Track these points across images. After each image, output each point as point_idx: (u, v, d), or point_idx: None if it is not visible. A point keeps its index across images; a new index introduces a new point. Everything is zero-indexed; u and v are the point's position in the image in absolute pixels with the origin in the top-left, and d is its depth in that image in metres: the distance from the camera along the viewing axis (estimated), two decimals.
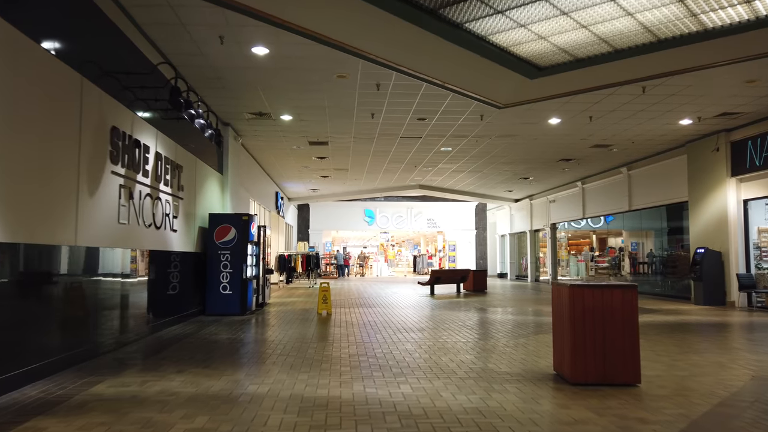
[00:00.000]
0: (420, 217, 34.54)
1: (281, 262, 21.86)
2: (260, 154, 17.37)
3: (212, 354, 6.86)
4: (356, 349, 7.25)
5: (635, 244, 21.79)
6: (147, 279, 8.61)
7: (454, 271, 19.85)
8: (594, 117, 12.71)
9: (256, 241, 12.18)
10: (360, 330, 9.17)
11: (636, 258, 21.42)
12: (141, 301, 8.38)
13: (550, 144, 15.78)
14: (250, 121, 13.15)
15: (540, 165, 19.27)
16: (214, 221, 11.45)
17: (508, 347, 7.38)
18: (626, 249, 22.88)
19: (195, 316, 10.96)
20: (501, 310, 12.91)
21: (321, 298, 11.75)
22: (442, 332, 8.90)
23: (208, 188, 11.98)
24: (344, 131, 14.19)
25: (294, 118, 12.87)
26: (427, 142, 15.50)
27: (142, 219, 8.01)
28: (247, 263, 11.47)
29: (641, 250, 21.09)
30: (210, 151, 12.16)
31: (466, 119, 12.98)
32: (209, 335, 8.48)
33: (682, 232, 17.61)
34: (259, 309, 12.64)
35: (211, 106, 11.81)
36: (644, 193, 17.89)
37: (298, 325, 9.84)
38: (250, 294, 11.51)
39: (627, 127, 13.65)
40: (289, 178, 22.60)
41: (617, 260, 23.31)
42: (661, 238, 19.50)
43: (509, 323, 10.17)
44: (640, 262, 20.90)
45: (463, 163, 18.90)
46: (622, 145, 15.85)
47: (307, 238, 33.93)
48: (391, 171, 20.72)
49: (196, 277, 11.05)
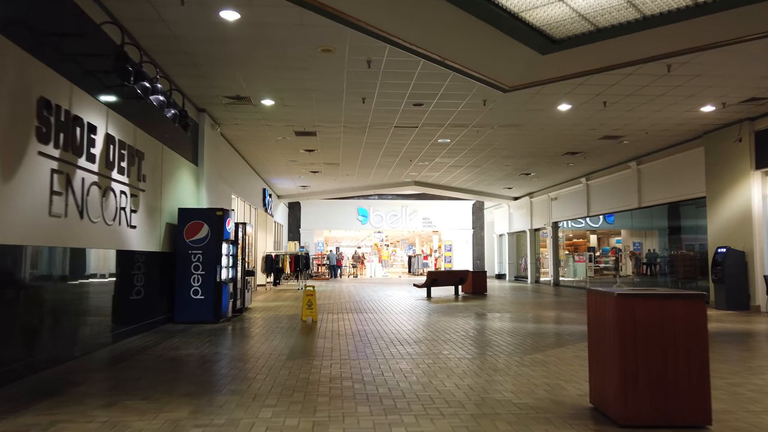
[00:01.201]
0: (415, 216, 33.32)
1: (268, 262, 20.56)
2: (243, 146, 16.07)
3: (162, 377, 5.58)
4: (340, 369, 5.98)
5: (638, 244, 20.66)
6: (101, 283, 7.32)
7: (452, 273, 18.62)
8: (609, 102, 11.50)
9: (233, 239, 10.89)
10: (348, 342, 7.91)
11: (639, 258, 20.23)
12: (94, 308, 7.09)
13: (556, 135, 14.57)
14: (228, 107, 11.86)
15: (544, 159, 18.06)
16: (184, 217, 10.15)
17: (523, 366, 6.13)
18: (626, 249, 21.76)
19: (161, 324, 9.67)
20: (506, 316, 11.68)
21: (305, 303, 10.48)
22: (443, 345, 7.64)
23: (178, 180, 10.68)
24: (333, 119, 12.92)
25: (276, 104, 11.59)
26: (424, 132, 14.26)
27: (86, 212, 6.71)
28: (222, 264, 10.18)
29: (644, 249, 19.92)
30: (181, 139, 10.87)
31: (467, 105, 11.74)
32: (169, 350, 7.19)
33: (692, 231, 16.47)
34: (237, 315, 11.35)
35: (183, 88, 10.52)
36: (655, 188, 16.70)
37: (277, 335, 8.56)
38: (225, 299, 10.23)
39: (643, 114, 12.45)
40: (276, 174, 21.30)
41: (617, 260, 22.16)
42: (664, 238, 18.40)
43: (519, 333, 8.93)
44: (644, 263, 19.70)
45: (462, 156, 17.66)
46: (634, 137, 14.65)
47: (299, 238, 32.65)
48: (384, 166, 19.46)
49: (163, 280, 9.76)
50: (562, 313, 12.13)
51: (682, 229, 17.42)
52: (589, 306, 4.39)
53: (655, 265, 19.00)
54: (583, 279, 22.87)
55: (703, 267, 16.23)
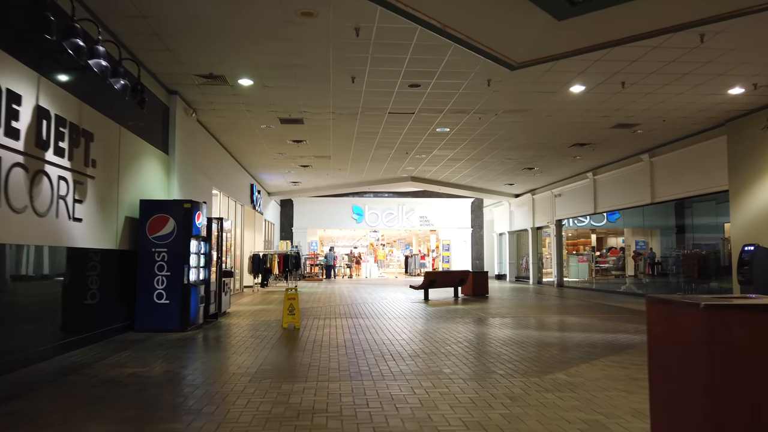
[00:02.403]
0: (412, 214, 32.10)
1: (255, 263, 19.29)
2: (225, 136, 14.80)
3: (82, 410, 4.33)
4: (314, 396, 4.74)
5: (642, 243, 19.49)
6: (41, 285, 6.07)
7: (451, 273, 17.37)
8: (627, 83, 10.27)
9: (205, 235, 9.63)
10: (331, 356, 6.67)
11: (649, 257, 18.98)
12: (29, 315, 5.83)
13: (565, 124, 13.34)
14: (203, 89, 10.60)
15: (549, 152, 16.84)
16: (146, 210, 8.89)
17: (546, 392, 4.90)
18: (628, 248, 20.60)
19: (119, 332, 8.40)
20: (512, 321, 10.44)
21: (287, 308, 9.23)
22: (443, 360, 6.41)
23: (143, 169, 9.42)
24: (320, 104, 11.67)
25: (256, 84, 10.33)
26: (421, 120, 13.01)
27: (4, 199, 5.46)
28: (190, 264, 8.92)
29: (650, 249, 18.70)
30: (147, 123, 9.61)
31: (469, 86, 10.50)
32: (111, 367, 5.93)
33: (701, 230, 15.34)
34: (210, 322, 10.09)
35: (147, 64, 9.27)
36: (670, 183, 15.48)
37: (248, 347, 7.31)
38: (193, 303, 8.96)
39: (662, 98, 11.23)
40: (264, 169, 20.04)
41: (621, 260, 20.98)
42: (669, 237, 17.27)
43: (531, 343, 7.69)
44: (657, 262, 18.46)
45: (462, 149, 16.42)
46: (649, 125, 13.44)
47: (291, 237, 31.39)
48: (379, 159, 18.22)
49: (122, 282, 8.51)
50: (573, 319, 10.90)
51: (690, 228, 16.30)
52: (652, 321, 3.15)
53: (659, 265, 17.83)
54: (588, 280, 21.68)
55: (719, 267, 15.07)
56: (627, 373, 5.67)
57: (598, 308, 13.20)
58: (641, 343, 7.69)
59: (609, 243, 24.23)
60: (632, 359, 6.44)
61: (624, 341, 7.85)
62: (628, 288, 18.78)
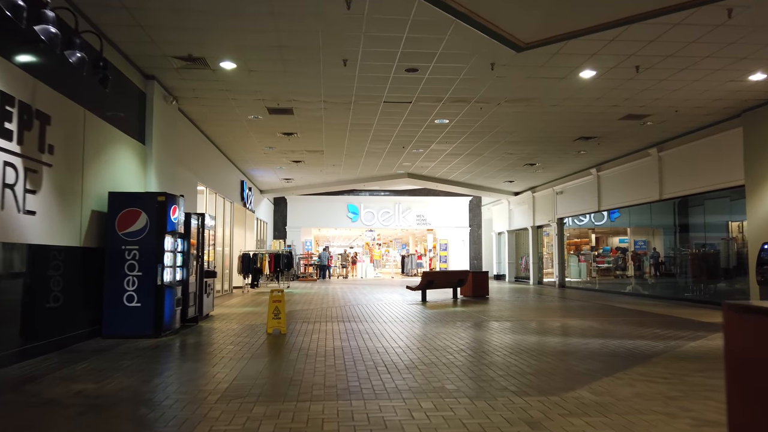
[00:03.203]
0: (409, 213, 31.32)
1: (245, 262, 18.45)
2: (211, 128, 13.97)
3: None
4: (290, 424, 3.92)
5: (642, 243, 18.70)
6: None
7: (450, 273, 16.57)
8: (642, 67, 9.49)
9: (182, 232, 8.80)
10: (317, 368, 5.85)
11: (650, 258, 18.13)
12: None
13: (571, 115, 12.56)
14: (182, 73, 9.77)
15: (552, 146, 16.06)
16: (115, 203, 8.05)
17: (572, 416, 4.10)
18: (629, 248, 19.84)
19: (85, 339, 7.57)
20: (517, 326, 9.65)
21: (272, 311, 8.41)
22: (445, 373, 5.60)
23: (113, 159, 8.58)
24: (310, 91, 10.84)
25: (240, 68, 9.51)
26: (419, 110, 12.20)
27: None
28: (165, 263, 8.08)
29: (660, 248, 17.89)
30: (119, 108, 8.79)
31: (470, 71, 9.70)
32: (55, 384, 5.09)
33: (704, 229, 14.59)
34: (189, 326, 9.26)
35: (120, 44, 8.44)
36: (680, 178, 14.71)
37: (224, 357, 6.49)
38: (168, 306, 8.13)
39: (678, 85, 10.46)
40: (255, 164, 19.20)
41: (620, 260, 20.17)
42: (671, 236, 16.51)
43: (542, 351, 6.89)
44: (659, 262, 17.60)
45: (461, 143, 15.63)
46: (661, 116, 12.67)
47: (285, 236, 30.55)
48: (374, 154, 17.40)
49: (87, 283, 7.67)
50: (583, 322, 10.11)
51: (700, 226, 15.57)
52: (732, 332, 2.35)
53: (663, 265, 17.05)
54: (591, 280, 20.90)
55: (728, 266, 14.32)
56: (659, 390, 4.88)
57: (605, 310, 12.43)
58: (664, 351, 6.90)
59: (611, 242, 23.47)
60: (660, 372, 5.65)
61: (645, 349, 7.06)
62: (634, 289, 18.00)
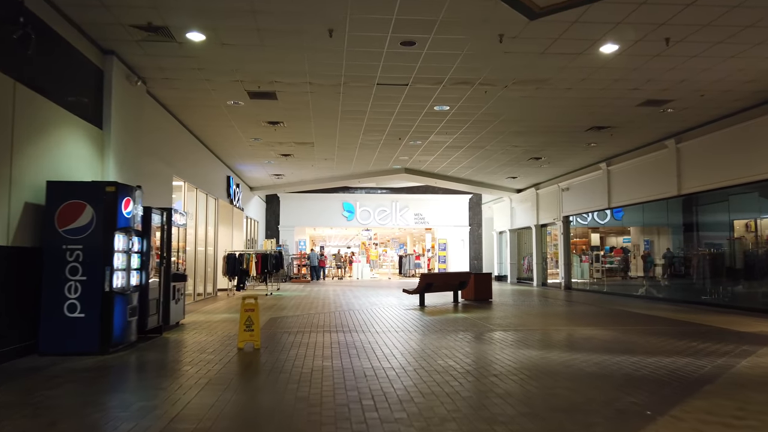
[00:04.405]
0: (406, 211, 30.09)
1: (230, 263, 17.19)
2: (189, 115, 12.69)
3: None
4: None
5: (646, 242, 17.48)
6: None
7: (450, 275, 15.32)
8: (673, 39, 8.25)
9: (140, 229, 7.53)
10: (285, 400, 4.60)
11: (667, 257, 16.85)
12: None
13: (585, 99, 11.33)
14: (145, 47, 8.51)
15: (562, 137, 14.83)
16: (55, 194, 6.79)
17: None
18: (635, 248, 18.61)
19: (17, 356, 6.31)
20: (530, 338, 8.41)
21: (243, 322, 7.15)
22: (451, 410, 4.36)
23: (59, 143, 7.32)
24: (294, 70, 9.59)
25: (210, 40, 8.25)
26: (416, 94, 10.95)
27: None
28: (115, 265, 6.82)
29: (676, 247, 16.64)
30: (67, 84, 7.53)
31: (475, 44, 8.46)
32: None
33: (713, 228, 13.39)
34: (151, 337, 8.00)
35: (66, 9, 7.18)
36: (701, 171, 13.46)
37: (174, 382, 5.23)
38: (119, 317, 6.86)
39: (710, 63, 9.23)
40: (241, 158, 17.94)
41: (626, 261, 18.95)
42: (680, 235, 15.35)
43: (570, 376, 5.65)
44: (672, 263, 16.31)
45: (462, 134, 14.38)
46: (684, 101, 11.44)
47: (277, 236, 29.30)
48: (368, 146, 16.15)
49: (19, 290, 6.41)
50: (603, 332, 8.88)
51: (714, 225, 14.42)
52: None
53: (673, 266, 15.83)
54: (599, 281, 19.67)
55: (753, 267, 13.11)
56: None
57: (623, 317, 11.19)
58: (715, 374, 5.66)
59: (618, 242, 22.24)
60: (727, 407, 4.41)
61: (690, 370, 5.82)
62: (648, 291, 16.77)
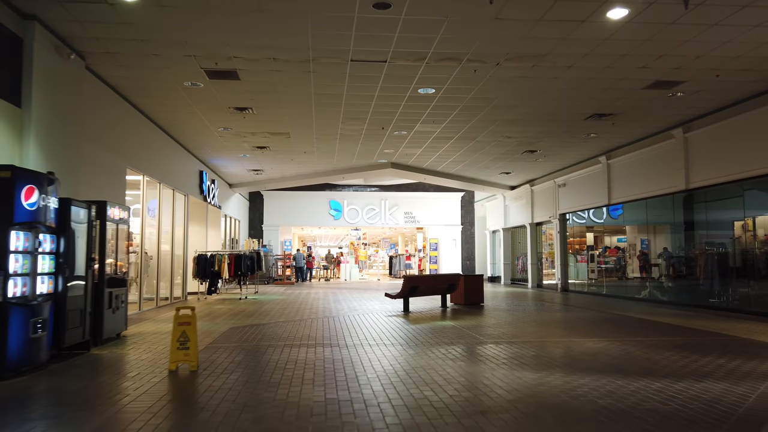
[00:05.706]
0: (396, 210, 28.86)
1: (200, 265, 15.86)
2: (143, 100, 11.34)
3: None
4: None
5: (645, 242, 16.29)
6: None
7: (438, 277, 14.04)
8: (692, 2, 7.01)
9: (54, 226, 6.21)
10: None
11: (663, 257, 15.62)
12: None
13: (587, 80, 10.09)
14: (71, 9, 7.18)
15: (559, 126, 13.60)
16: None
17: None
18: (630, 247, 17.43)
19: None
20: (528, 353, 7.14)
21: (176, 339, 5.85)
22: None
23: None
24: (253, 41, 8.27)
25: (145, 1, 6.94)
26: (397, 73, 9.67)
27: None
28: (9, 269, 5.50)
29: (672, 248, 15.45)
30: None
31: (461, 8, 7.18)
32: None
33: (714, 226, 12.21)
34: (76, 354, 6.68)
35: None
36: (714, 163, 12.23)
37: (64, 428, 3.93)
38: (16, 333, 5.53)
39: (730, 35, 8.01)
40: (213, 150, 16.60)
41: (622, 260, 17.76)
42: (679, 234, 14.18)
43: (590, 416, 4.39)
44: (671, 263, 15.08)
45: (451, 122, 13.12)
46: (696, 83, 10.23)
47: (261, 236, 27.98)
48: (350, 137, 14.86)
49: None
50: (613, 346, 7.62)
51: (701, 224, 13.30)
52: None
53: (670, 266, 14.66)
54: (597, 283, 18.45)
55: (762, 268, 11.92)
56: None
57: (629, 324, 9.96)
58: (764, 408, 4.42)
59: (607, 242, 21.04)
60: None
61: (734, 403, 4.57)
62: (651, 294, 15.56)
